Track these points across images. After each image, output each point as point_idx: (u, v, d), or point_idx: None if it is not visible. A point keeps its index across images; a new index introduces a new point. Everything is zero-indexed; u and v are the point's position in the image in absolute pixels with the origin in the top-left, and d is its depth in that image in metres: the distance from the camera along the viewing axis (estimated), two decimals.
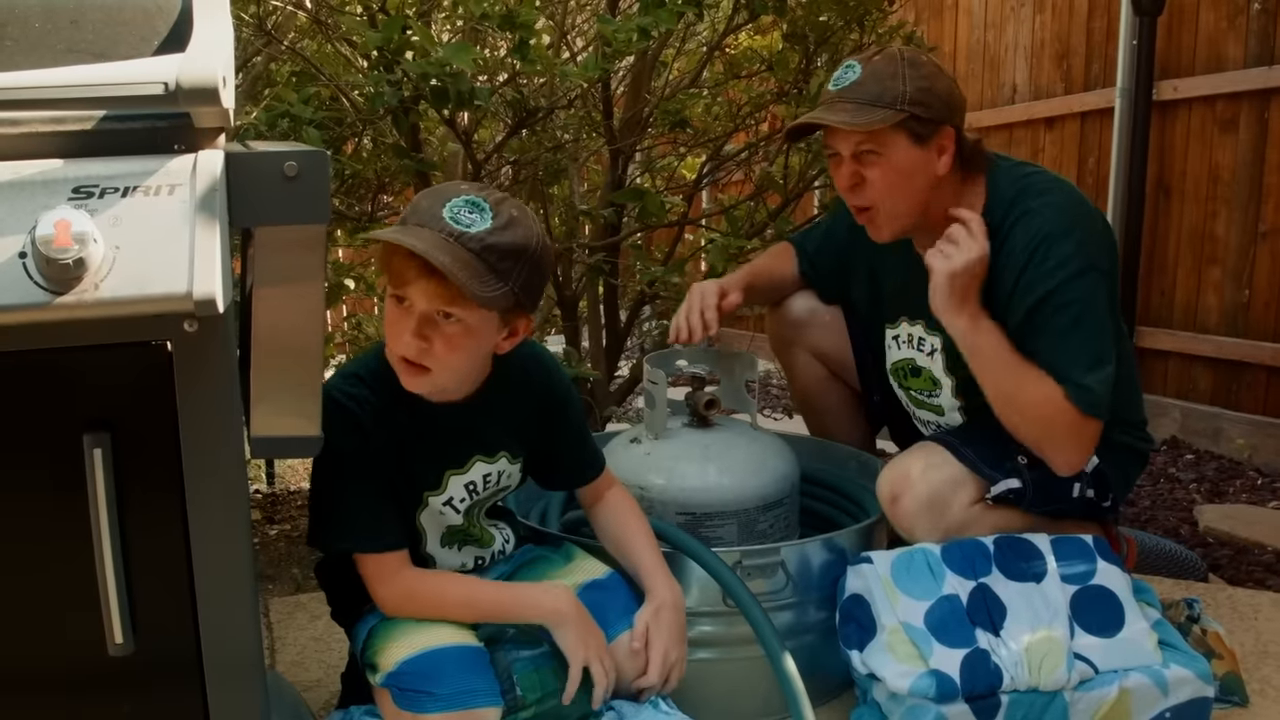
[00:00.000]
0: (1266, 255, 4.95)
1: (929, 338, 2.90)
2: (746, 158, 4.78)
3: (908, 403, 3.08)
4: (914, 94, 2.59)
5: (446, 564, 2.41)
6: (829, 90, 2.69)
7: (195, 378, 1.52)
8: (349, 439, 2.17)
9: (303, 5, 3.88)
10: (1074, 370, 2.56)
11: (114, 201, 1.41)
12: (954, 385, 2.87)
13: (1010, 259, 2.65)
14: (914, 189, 2.68)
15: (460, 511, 2.38)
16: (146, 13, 1.61)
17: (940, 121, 2.64)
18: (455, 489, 2.35)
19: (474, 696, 2.15)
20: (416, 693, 2.13)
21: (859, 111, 2.59)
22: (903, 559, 2.55)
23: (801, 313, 3.28)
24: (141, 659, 1.60)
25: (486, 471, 2.38)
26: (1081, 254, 2.60)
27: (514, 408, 2.39)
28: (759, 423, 3.07)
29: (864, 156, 2.66)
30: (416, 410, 2.25)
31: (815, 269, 3.26)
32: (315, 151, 1.53)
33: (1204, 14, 5.17)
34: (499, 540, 2.51)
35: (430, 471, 2.32)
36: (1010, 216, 2.68)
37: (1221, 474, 4.87)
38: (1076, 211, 2.69)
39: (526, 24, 3.03)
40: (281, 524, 4.23)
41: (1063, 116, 6.11)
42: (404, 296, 2.08)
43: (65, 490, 1.50)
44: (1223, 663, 2.63)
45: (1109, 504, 2.85)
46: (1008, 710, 2.32)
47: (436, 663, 2.17)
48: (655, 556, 2.42)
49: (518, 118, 3.67)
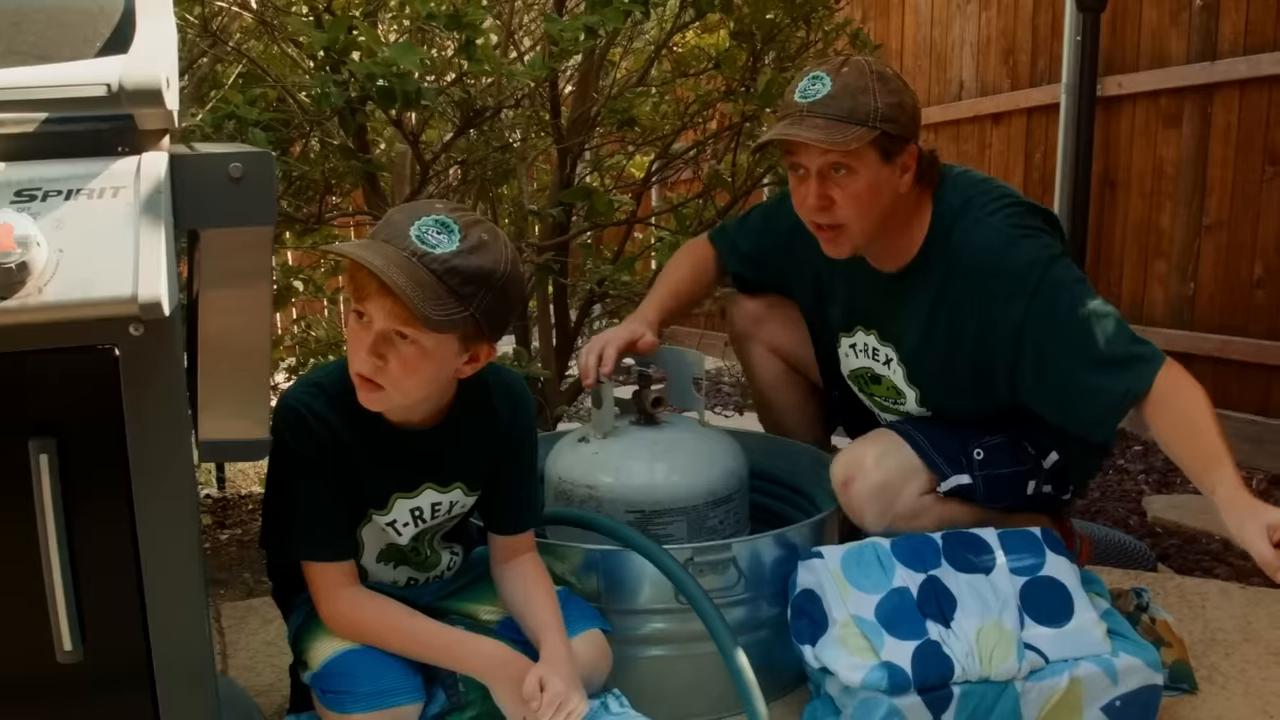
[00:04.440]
0: (1211, 248, 4.99)
1: (882, 348, 2.88)
2: (695, 156, 4.78)
3: (872, 406, 3.06)
4: (885, 110, 2.52)
5: (378, 578, 2.41)
6: (797, 101, 2.58)
7: (142, 382, 1.51)
8: (305, 447, 2.17)
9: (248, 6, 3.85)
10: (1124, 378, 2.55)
11: (57, 204, 1.40)
12: (918, 396, 2.87)
13: (959, 279, 2.65)
14: (880, 207, 2.62)
15: (402, 535, 2.36)
16: (89, 14, 1.60)
17: (907, 139, 2.59)
18: (400, 513, 2.33)
19: (392, 695, 2.17)
20: (338, 693, 2.16)
21: (833, 128, 2.51)
22: (853, 553, 2.56)
23: (759, 308, 3.24)
24: (91, 666, 1.59)
25: (436, 500, 2.36)
26: (1038, 254, 2.59)
27: (477, 437, 2.36)
28: (708, 420, 3.08)
29: (832, 174, 2.58)
30: (374, 428, 2.24)
31: (750, 266, 3.19)
32: (260, 153, 1.52)
33: (1147, 10, 5.22)
34: (444, 562, 2.50)
35: (378, 491, 2.30)
36: (955, 232, 2.67)
37: (1169, 465, 4.89)
38: (1019, 224, 2.66)
39: (473, 23, 3.02)
40: (233, 528, 4.21)
41: (1009, 112, 6.14)
42: (363, 312, 2.05)
43: (11, 497, 1.49)
44: (1171, 651, 2.66)
45: (1068, 497, 2.88)
46: (959, 701, 2.33)
47: (355, 663, 2.19)
48: (556, 619, 2.32)
49: (465, 118, 3.65)
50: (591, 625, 2.41)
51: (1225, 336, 4.93)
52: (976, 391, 2.73)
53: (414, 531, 2.37)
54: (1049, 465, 2.78)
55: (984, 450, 2.71)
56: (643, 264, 4.90)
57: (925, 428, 2.78)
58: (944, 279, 2.68)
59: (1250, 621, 3.06)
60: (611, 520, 2.61)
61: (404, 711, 2.18)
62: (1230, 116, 4.86)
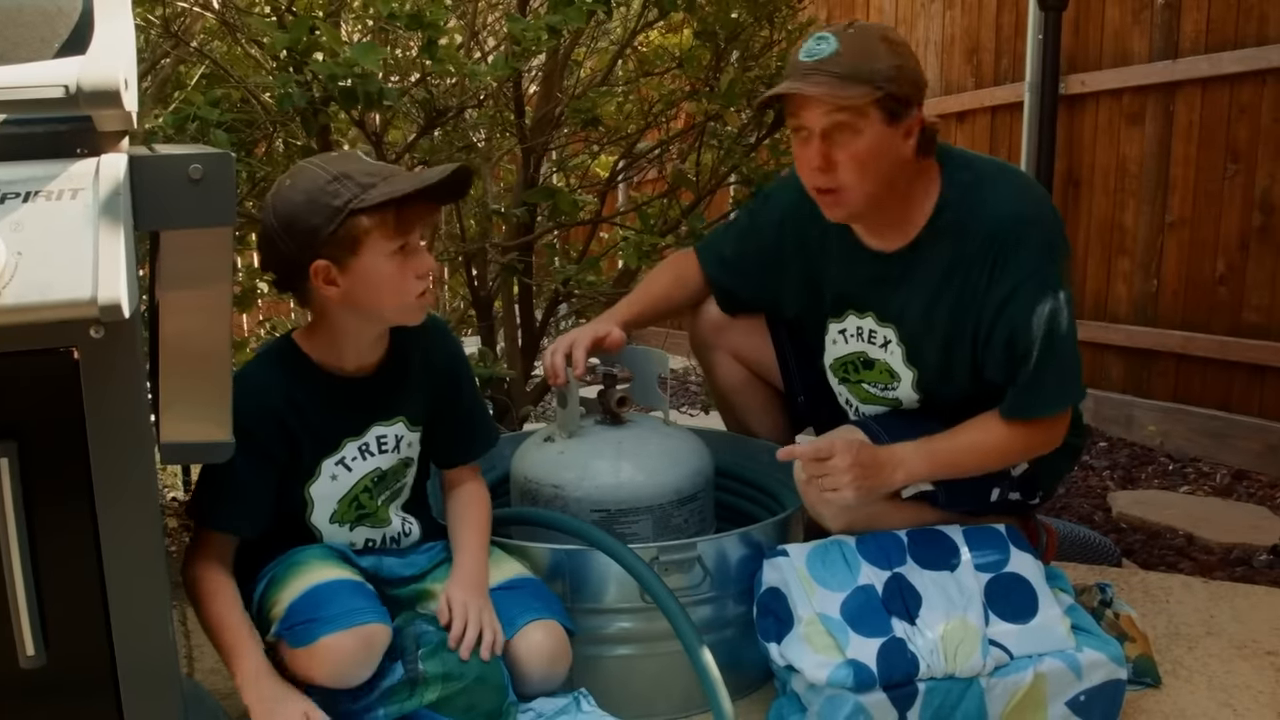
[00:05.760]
0: (1174, 245, 5.02)
1: (881, 329, 2.83)
2: (659, 155, 4.78)
3: (850, 397, 3.00)
4: (890, 71, 2.48)
5: (334, 539, 2.46)
6: (801, 61, 2.54)
7: (103, 384, 1.50)
8: (254, 423, 2.20)
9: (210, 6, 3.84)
10: (1048, 402, 2.61)
11: (15, 207, 1.40)
12: (915, 378, 2.82)
13: (970, 253, 2.63)
14: (883, 170, 2.57)
15: (353, 471, 2.44)
16: (46, 15, 1.59)
17: (911, 102, 2.55)
18: (349, 450, 2.43)
19: (361, 614, 2.22)
20: (306, 623, 2.20)
21: (838, 84, 2.47)
22: (818, 551, 2.56)
23: (721, 315, 3.20)
24: (54, 670, 1.58)
25: (382, 434, 2.46)
26: (1044, 249, 2.59)
27: (412, 375, 2.49)
28: (673, 418, 3.08)
29: (835, 135, 2.53)
30: (321, 382, 2.38)
31: (731, 271, 3.13)
32: (220, 153, 1.52)
33: (1109, 9, 5.25)
34: (396, 523, 2.56)
35: (329, 438, 2.41)
36: (965, 206, 2.65)
37: (1134, 460, 4.94)
38: (1030, 199, 2.67)
39: (435, 23, 3.02)
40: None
41: (973, 111, 6.17)
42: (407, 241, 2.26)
43: None
44: (1135, 645, 2.67)
45: (1036, 501, 2.88)
46: (925, 697, 2.34)
47: (321, 592, 2.26)
48: (477, 542, 2.54)
49: (428, 118, 3.65)
50: (550, 616, 2.42)
51: (1188, 333, 4.97)
52: (972, 373, 2.70)
53: (362, 468, 2.45)
54: (1017, 474, 2.78)
55: None
56: (608, 264, 4.89)
57: (891, 429, 2.75)
58: (955, 252, 2.64)
59: (1213, 616, 3.08)
60: (577, 520, 2.62)
61: (372, 630, 2.21)
62: (1192, 114, 4.89)
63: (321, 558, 2.37)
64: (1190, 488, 4.55)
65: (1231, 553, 3.74)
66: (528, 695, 2.39)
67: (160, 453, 1.71)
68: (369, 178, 2.20)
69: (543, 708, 2.37)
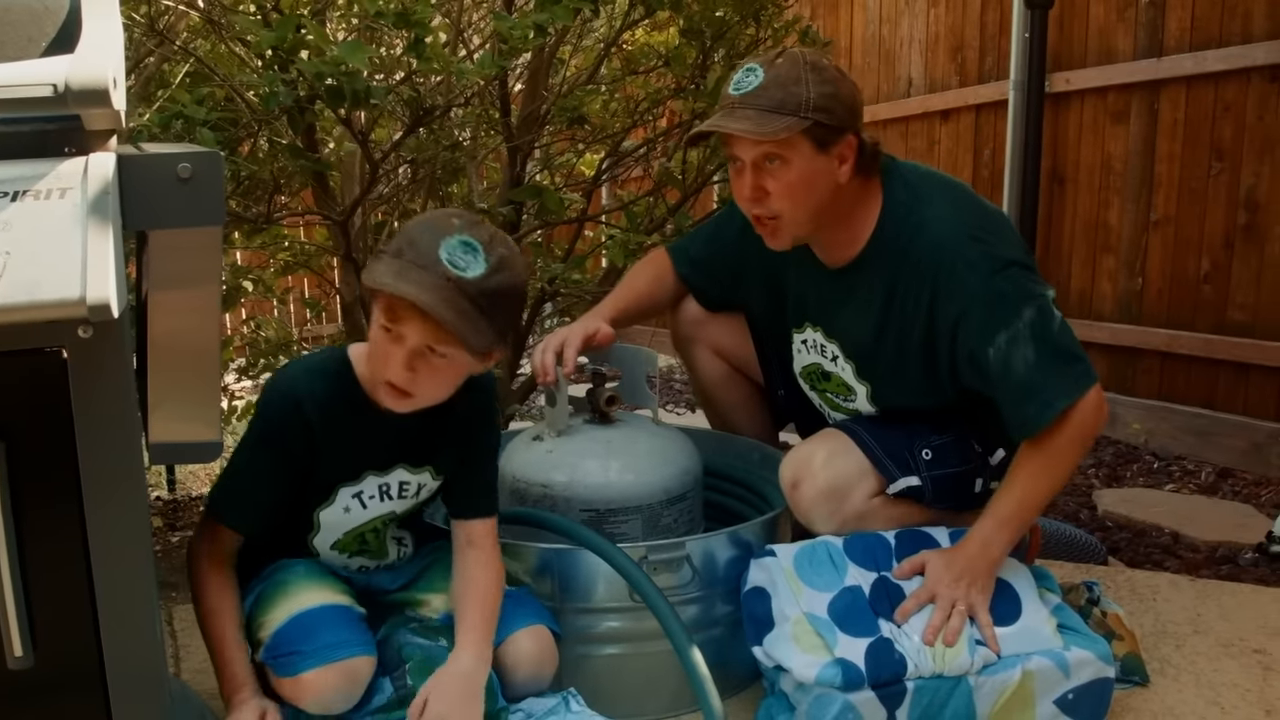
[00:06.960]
0: (1158, 243, 5.03)
1: (829, 344, 2.86)
2: (645, 153, 4.78)
3: (822, 404, 3.02)
4: (818, 100, 2.49)
5: (332, 564, 2.46)
6: (729, 94, 2.57)
7: (91, 384, 1.50)
8: (284, 427, 2.24)
9: (195, 5, 3.82)
10: (1055, 397, 2.51)
11: (3, 206, 1.39)
12: (868, 392, 2.83)
13: (909, 277, 2.62)
14: (816, 197, 2.59)
15: (367, 508, 2.41)
16: (34, 13, 1.59)
17: (843, 129, 2.55)
18: (369, 486, 2.40)
19: (343, 647, 2.21)
20: (289, 655, 2.19)
21: (762, 119, 2.49)
22: (805, 551, 2.56)
23: (701, 311, 3.23)
24: (42, 671, 1.58)
25: (405, 480, 2.43)
26: (987, 263, 2.55)
27: (451, 424, 2.41)
28: (661, 417, 3.08)
29: (766, 165, 2.55)
30: (365, 410, 2.31)
31: (700, 272, 3.17)
32: (208, 153, 1.51)
33: (1094, 7, 5.26)
34: (393, 554, 2.55)
35: (353, 466, 2.37)
36: (904, 228, 2.64)
37: (1119, 458, 4.95)
38: (967, 215, 2.65)
39: (421, 21, 3.00)
40: (184, 531, 4.18)
41: (958, 109, 6.18)
42: (392, 329, 2.13)
43: None
44: (1123, 643, 2.68)
45: None
46: (913, 696, 2.34)
47: (304, 623, 2.24)
48: (481, 620, 2.36)
49: (414, 116, 3.63)
50: (539, 621, 2.42)
51: (1173, 331, 4.98)
52: (927, 389, 2.71)
53: (378, 509, 2.42)
54: (996, 462, 2.78)
55: (932, 450, 2.71)
56: (593, 262, 4.89)
57: (873, 428, 2.76)
58: (894, 273, 2.65)
59: (1200, 614, 3.09)
60: (566, 519, 2.61)
61: (356, 664, 2.21)
62: (1177, 113, 4.90)
63: (309, 577, 2.37)
64: (1175, 486, 4.56)
65: (1217, 551, 3.76)
66: (516, 697, 2.40)
67: (149, 452, 1.70)
68: (408, 250, 2.10)
69: (532, 708, 2.37)
